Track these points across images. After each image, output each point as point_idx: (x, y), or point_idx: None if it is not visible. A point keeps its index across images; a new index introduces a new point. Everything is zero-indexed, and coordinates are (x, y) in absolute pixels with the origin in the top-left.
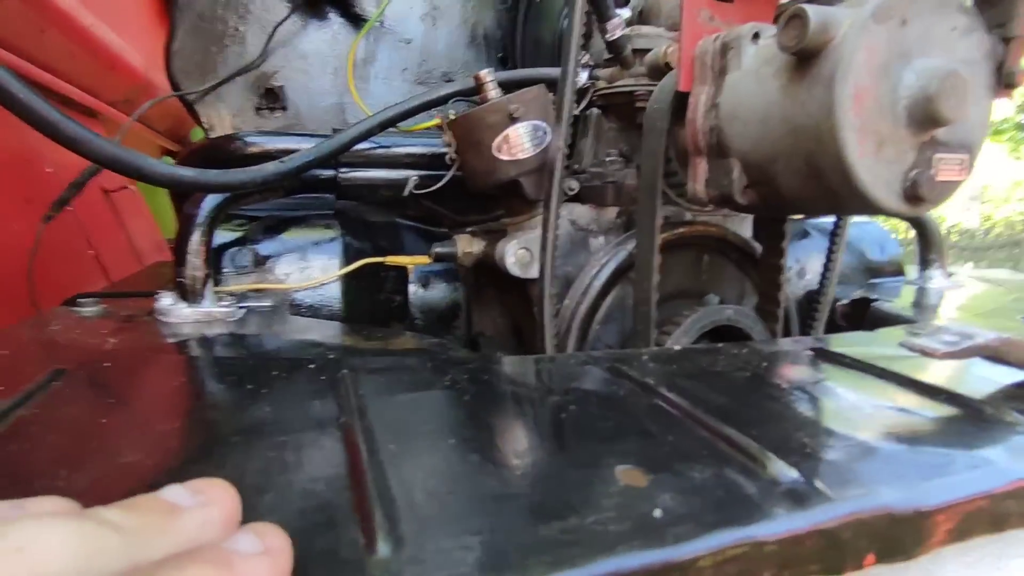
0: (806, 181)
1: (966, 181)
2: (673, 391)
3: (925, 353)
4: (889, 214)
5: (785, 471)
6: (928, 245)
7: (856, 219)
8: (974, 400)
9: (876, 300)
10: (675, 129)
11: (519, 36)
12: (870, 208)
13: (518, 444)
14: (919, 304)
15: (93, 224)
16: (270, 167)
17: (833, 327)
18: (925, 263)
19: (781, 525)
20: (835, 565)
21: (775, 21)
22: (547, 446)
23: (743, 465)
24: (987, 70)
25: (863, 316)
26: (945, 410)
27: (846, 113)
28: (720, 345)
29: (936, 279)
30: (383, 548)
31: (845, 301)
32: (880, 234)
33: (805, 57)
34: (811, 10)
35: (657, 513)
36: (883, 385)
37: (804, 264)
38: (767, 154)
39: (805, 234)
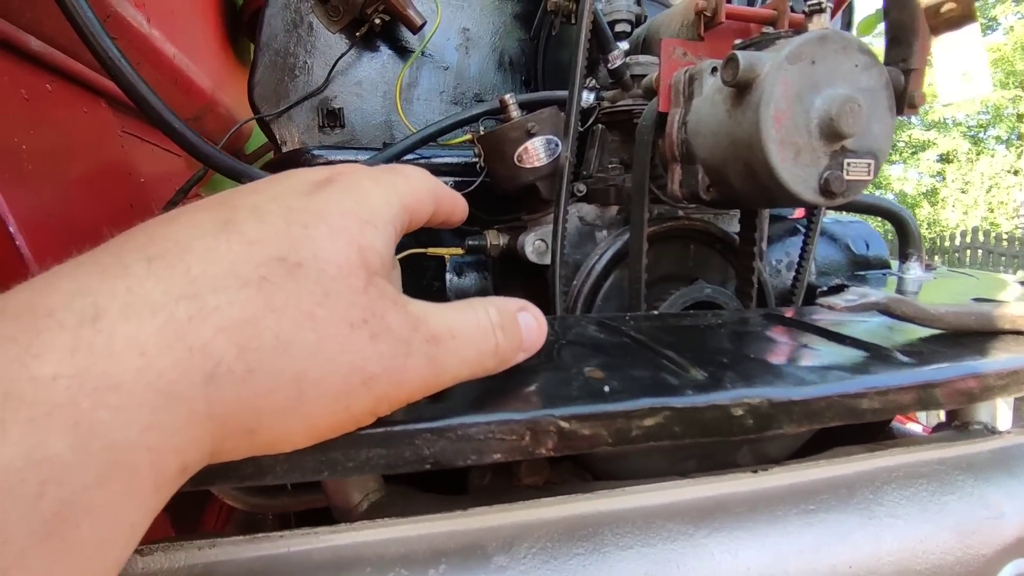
0: (747, 181)
1: (873, 179)
2: (639, 334)
3: (831, 308)
4: (809, 205)
5: (700, 374)
6: (907, 240)
7: (844, 217)
8: (865, 341)
9: (848, 287)
10: (659, 141)
11: (540, 62)
12: (794, 201)
13: (533, 358)
14: (901, 290)
15: None
16: None
17: None
18: (904, 256)
19: (688, 400)
20: (727, 431)
21: None
22: (548, 360)
23: (672, 371)
24: (887, 95)
25: None
26: (839, 347)
27: (769, 130)
28: (690, 312)
29: (913, 270)
30: None
31: (824, 287)
32: (866, 231)
33: (740, 89)
34: (741, 55)
35: (606, 388)
36: (803, 333)
37: (793, 258)
38: (719, 160)
39: (795, 231)
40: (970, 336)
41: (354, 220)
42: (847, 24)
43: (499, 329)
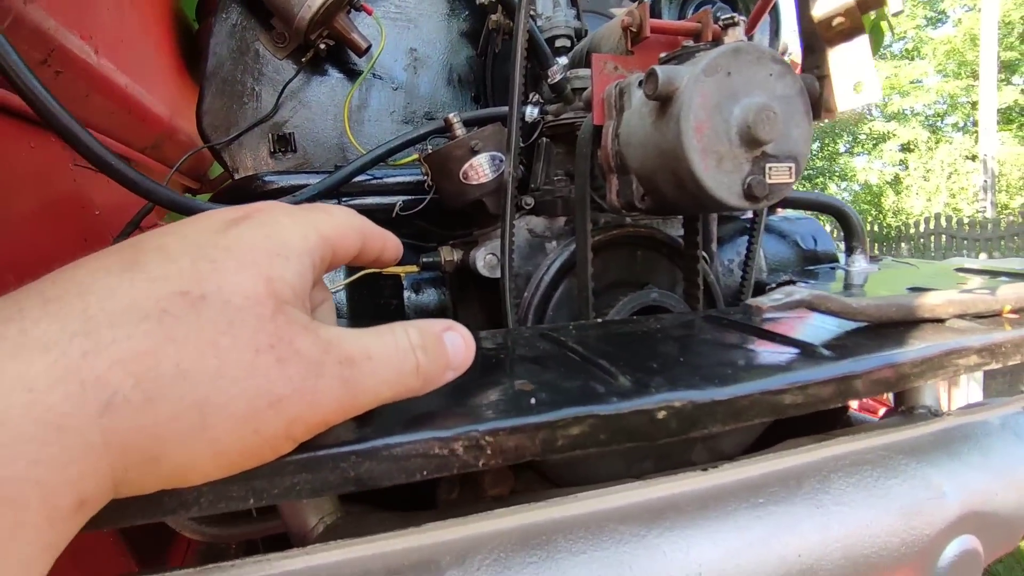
0: (676, 189)
1: (795, 182)
2: (579, 344)
3: (758, 307)
4: (734, 210)
5: (627, 380)
6: (850, 234)
7: (791, 214)
8: (792, 338)
9: (795, 282)
10: (597, 153)
11: (488, 77)
12: (721, 206)
13: (468, 376)
14: (845, 284)
15: None
16: (286, 201)
17: None
18: (850, 250)
19: (613, 407)
20: (653, 435)
21: None
22: (481, 375)
23: (603, 380)
24: (803, 101)
25: None
26: (769, 346)
27: (690, 140)
28: (634, 318)
29: (859, 263)
30: None
31: (773, 285)
32: (813, 227)
33: (662, 101)
34: (660, 70)
35: (532, 401)
36: (739, 334)
37: (744, 256)
38: (650, 170)
39: (745, 230)
40: (892, 327)
41: (263, 253)
42: (775, 31)
43: (420, 350)
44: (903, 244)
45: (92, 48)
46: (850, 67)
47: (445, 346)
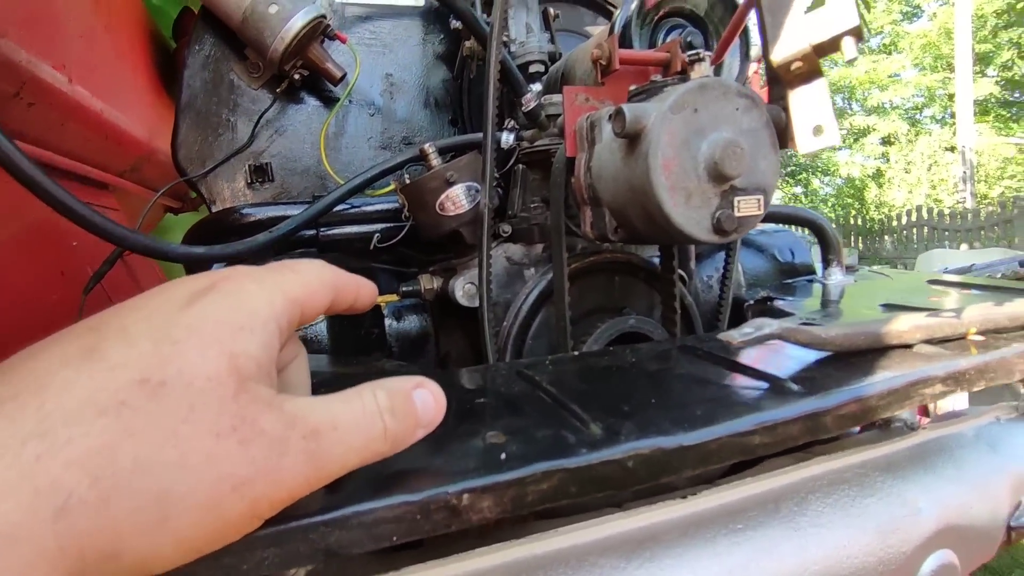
0: (647, 223)
1: (763, 214)
2: (553, 385)
3: (729, 342)
4: (704, 244)
5: (598, 428)
6: (826, 246)
7: (768, 228)
8: (763, 371)
9: (773, 299)
10: (571, 183)
11: (465, 100)
12: (690, 240)
13: (439, 430)
14: (822, 298)
15: (114, 288)
16: (262, 237)
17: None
18: (826, 262)
19: (582, 459)
20: (623, 483)
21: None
22: (455, 425)
23: (575, 427)
24: (769, 133)
25: (764, 313)
26: (740, 380)
27: (659, 177)
28: (611, 349)
29: (835, 276)
30: None
31: (751, 301)
32: (791, 240)
33: (630, 138)
34: (627, 108)
35: (502, 456)
36: (712, 368)
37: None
38: (621, 204)
39: (724, 246)
40: (861, 355)
41: (227, 328)
42: (745, 54)
43: (388, 413)
44: (886, 237)
45: (65, 76)
46: (810, 110)
47: (415, 405)
